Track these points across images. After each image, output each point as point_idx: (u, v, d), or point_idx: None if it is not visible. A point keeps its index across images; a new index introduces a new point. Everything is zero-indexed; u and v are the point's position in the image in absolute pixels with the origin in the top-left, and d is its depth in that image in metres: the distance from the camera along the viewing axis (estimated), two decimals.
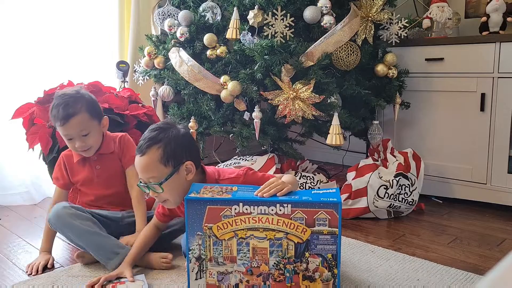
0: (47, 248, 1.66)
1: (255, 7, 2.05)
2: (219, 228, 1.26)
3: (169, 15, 2.40)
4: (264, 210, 1.23)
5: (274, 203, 1.22)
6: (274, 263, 1.26)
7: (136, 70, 2.53)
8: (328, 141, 2.07)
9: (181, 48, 2.24)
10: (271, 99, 2.02)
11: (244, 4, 2.11)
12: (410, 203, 2.10)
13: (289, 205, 1.22)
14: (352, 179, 2.15)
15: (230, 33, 2.07)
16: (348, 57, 2.08)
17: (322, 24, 2.07)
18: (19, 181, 2.36)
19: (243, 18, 2.10)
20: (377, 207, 2.08)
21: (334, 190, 1.29)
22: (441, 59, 2.30)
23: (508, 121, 2.13)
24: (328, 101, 2.05)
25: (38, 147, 2.05)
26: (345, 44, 2.08)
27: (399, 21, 2.29)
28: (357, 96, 2.15)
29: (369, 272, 1.54)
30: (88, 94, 1.66)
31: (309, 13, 2.05)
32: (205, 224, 1.26)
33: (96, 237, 1.52)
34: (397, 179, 2.07)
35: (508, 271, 0.44)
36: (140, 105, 2.16)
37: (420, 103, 2.41)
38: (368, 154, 2.37)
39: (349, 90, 2.13)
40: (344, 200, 2.13)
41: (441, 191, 2.38)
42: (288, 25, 2.01)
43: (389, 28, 2.31)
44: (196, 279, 1.29)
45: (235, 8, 2.08)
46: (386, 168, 2.15)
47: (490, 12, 2.27)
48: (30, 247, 1.81)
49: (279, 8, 2.01)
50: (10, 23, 2.30)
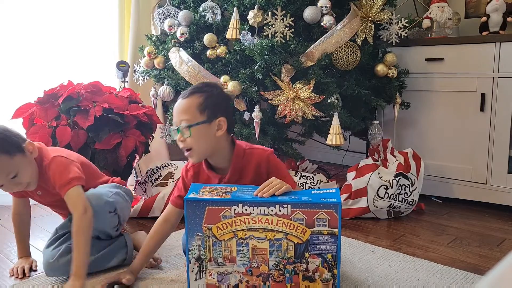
0: (25, 252, 1.62)
1: (255, 7, 2.05)
2: (218, 228, 1.26)
3: (169, 15, 2.40)
4: (263, 210, 1.23)
5: (274, 204, 1.22)
6: (274, 263, 1.26)
7: (136, 70, 2.53)
8: (328, 141, 2.07)
9: (181, 48, 2.24)
10: (271, 99, 2.02)
11: (244, 4, 2.11)
12: (410, 203, 2.10)
13: (289, 206, 1.22)
14: (352, 179, 2.15)
15: (230, 33, 2.08)
16: (348, 57, 2.08)
17: (322, 24, 2.07)
18: None
19: (243, 18, 2.10)
20: (377, 207, 2.08)
21: (334, 190, 1.29)
22: (441, 59, 2.30)
23: (508, 121, 2.13)
24: (328, 101, 2.05)
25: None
26: (345, 44, 2.08)
27: (399, 21, 2.29)
28: (357, 96, 2.15)
29: (369, 272, 1.54)
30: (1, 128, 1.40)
31: (309, 13, 2.05)
32: (205, 225, 1.25)
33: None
34: (397, 179, 2.07)
35: (508, 271, 0.44)
36: (140, 105, 2.16)
37: (420, 103, 2.41)
38: (368, 154, 2.37)
39: (349, 90, 2.13)
40: (344, 200, 2.13)
41: (441, 191, 2.38)
42: (288, 25, 2.01)
43: (389, 28, 2.31)
44: (196, 280, 1.29)
45: (235, 8, 2.08)
46: (386, 168, 2.15)
47: (490, 12, 2.27)
48: (29, 247, 1.80)
49: (279, 8, 2.01)
50: (10, 23, 2.30)
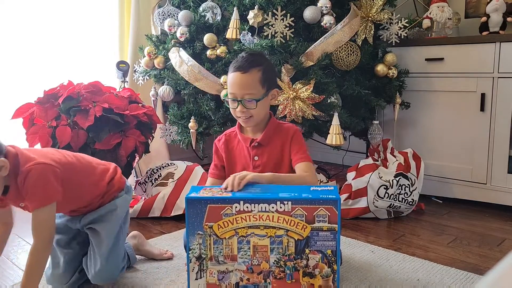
0: None
1: (255, 7, 2.05)
2: (219, 226, 1.26)
3: (169, 15, 2.40)
4: (264, 207, 1.24)
5: (275, 201, 1.23)
6: (275, 260, 1.26)
7: (136, 70, 2.53)
8: (328, 141, 2.07)
9: (181, 48, 2.24)
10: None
11: (244, 4, 2.11)
12: (410, 203, 2.10)
13: (289, 203, 1.23)
14: (352, 179, 2.15)
15: (230, 33, 2.08)
16: (348, 57, 2.08)
17: (322, 24, 2.07)
18: None
19: (243, 18, 2.10)
20: (377, 207, 2.08)
21: (332, 188, 1.31)
22: (441, 59, 2.30)
23: (508, 121, 2.13)
24: (328, 101, 2.05)
25: (38, 147, 2.05)
26: (345, 44, 2.08)
27: (399, 21, 2.29)
28: (357, 96, 2.15)
29: (369, 272, 1.54)
30: None
31: (309, 13, 2.05)
32: (206, 223, 1.26)
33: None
34: (397, 179, 2.07)
35: (508, 271, 0.44)
36: (140, 105, 2.16)
37: (420, 103, 2.41)
38: (368, 154, 2.37)
39: (349, 90, 2.13)
40: (344, 200, 2.13)
41: (441, 191, 2.38)
42: (288, 25, 2.01)
43: (389, 28, 2.31)
44: (196, 279, 1.29)
45: (235, 8, 2.08)
46: (386, 168, 2.15)
47: (490, 12, 2.27)
48: (30, 247, 1.80)
49: (279, 8, 2.01)
50: (10, 23, 2.30)
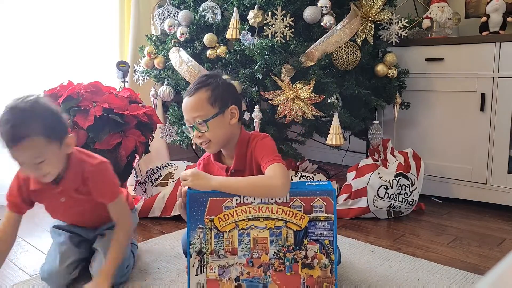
0: None
1: (255, 7, 2.05)
2: (220, 219, 1.28)
3: (169, 15, 2.40)
4: (264, 199, 1.27)
5: None
6: (274, 252, 1.28)
7: (136, 70, 2.53)
8: (328, 141, 2.07)
9: (181, 48, 2.24)
10: (271, 99, 2.02)
11: (244, 4, 2.11)
12: (410, 203, 2.10)
13: (288, 194, 1.27)
14: (352, 179, 2.15)
15: (230, 33, 2.08)
16: (348, 57, 2.08)
17: (322, 24, 2.07)
18: None
19: (243, 18, 2.10)
20: (377, 207, 2.08)
21: (326, 182, 1.36)
22: (441, 59, 2.30)
23: (508, 121, 2.13)
24: (328, 101, 2.05)
25: None
26: (345, 44, 2.08)
27: (399, 21, 2.29)
28: (357, 96, 2.15)
29: (369, 272, 1.54)
30: (47, 109, 1.27)
31: (309, 13, 2.05)
32: (207, 217, 1.27)
33: None
34: (397, 179, 2.07)
35: (508, 271, 0.44)
36: (140, 105, 2.16)
37: (420, 103, 2.41)
38: (368, 154, 2.37)
39: (349, 90, 2.13)
40: (344, 200, 2.13)
41: (441, 191, 2.38)
42: (288, 25, 2.01)
43: (389, 28, 2.31)
44: (196, 275, 1.29)
45: (235, 8, 2.08)
46: (386, 168, 2.15)
47: (490, 12, 2.27)
48: (30, 247, 1.81)
49: (279, 8, 2.01)
50: (10, 23, 2.30)
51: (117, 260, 1.39)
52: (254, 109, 2.06)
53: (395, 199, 2.07)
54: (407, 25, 2.30)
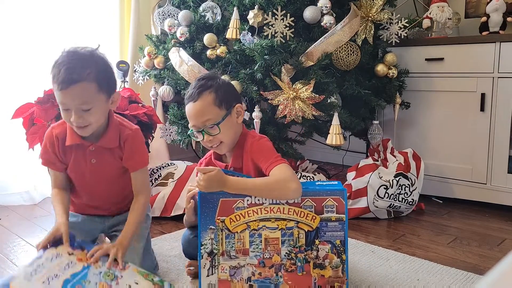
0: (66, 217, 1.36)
1: (255, 7, 2.05)
2: (231, 220, 1.28)
3: (169, 15, 2.40)
4: (275, 200, 1.28)
5: None
6: (286, 252, 1.29)
7: (136, 70, 2.53)
8: (328, 141, 2.07)
9: (181, 48, 2.24)
10: (271, 99, 2.02)
11: (244, 4, 2.11)
12: (410, 203, 2.10)
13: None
14: (352, 179, 2.15)
15: (230, 33, 2.08)
16: (348, 57, 2.08)
17: (322, 24, 2.07)
18: (19, 181, 2.36)
19: (243, 18, 2.10)
20: (377, 207, 2.08)
21: (336, 183, 1.36)
22: (441, 59, 2.30)
23: (508, 121, 2.13)
24: (328, 101, 2.05)
25: (38, 147, 2.05)
26: (345, 44, 2.08)
27: (399, 21, 2.29)
28: (357, 96, 2.15)
29: (369, 272, 1.54)
30: (103, 60, 1.34)
31: (309, 13, 2.05)
32: (218, 217, 1.28)
33: None
34: (397, 179, 2.07)
35: (508, 271, 0.44)
36: (140, 105, 2.16)
37: (420, 103, 2.41)
38: (368, 154, 2.37)
39: (349, 90, 2.13)
40: None
41: (441, 191, 2.38)
42: (288, 25, 2.01)
43: (389, 28, 2.31)
44: (208, 276, 1.29)
45: (235, 8, 2.08)
46: (386, 168, 2.15)
47: (490, 12, 2.27)
48: (30, 247, 1.81)
49: (279, 8, 2.01)
50: (10, 23, 2.30)
51: (135, 224, 1.38)
52: (254, 109, 2.06)
53: (395, 199, 2.07)
54: (407, 25, 2.30)
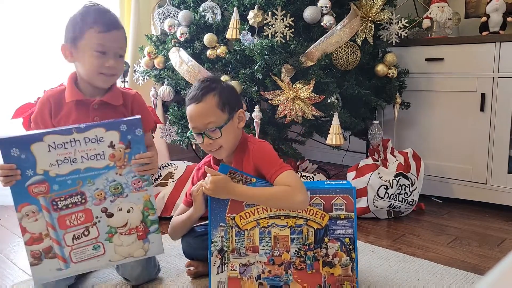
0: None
1: (255, 7, 2.05)
2: (241, 218, 1.29)
3: (169, 15, 2.40)
4: None
5: None
6: (295, 250, 1.29)
7: (136, 70, 2.53)
8: (328, 141, 2.07)
9: (181, 48, 2.24)
10: (271, 99, 2.02)
11: (244, 4, 2.11)
12: (410, 203, 2.10)
13: (308, 192, 1.28)
14: (352, 179, 2.15)
15: (230, 33, 2.08)
16: (348, 57, 2.08)
17: (322, 24, 2.07)
18: None
19: (243, 18, 2.10)
20: (377, 207, 2.08)
21: (345, 182, 1.38)
22: (441, 59, 2.30)
23: (508, 121, 2.13)
24: (328, 101, 2.05)
25: None
26: (345, 44, 2.08)
27: (399, 21, 2.29)
28: (357, 96, 2.15)
29: (369, 272, 1.54)
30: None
31: (309, 13, 2.05)
32: (228, 215, 1.29)
33: None
34: (397, 179, 2.07)
35: (508, 271, 0.44)
36: None
37: (420, 103, 2.41)
38: (368, 154, 2.37)
39: (349, 90, 2.13)
40: None
41: (441, 191, 2.38)
42: (288, 25, 2.01)
43: (389, 28, 2.31)
44: (217, 273, 1.30)
45: (235, 8, 2.08)
46: (386, 168, 2.15)
47: (490, 12, 2.27)
48: None
49: (279, 8, 2.01)
50: (10, 23, 2.30)
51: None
52: (254, 109, 2.06)
53: (395, 199, 2.07)
54: (407, 25, 2.30)
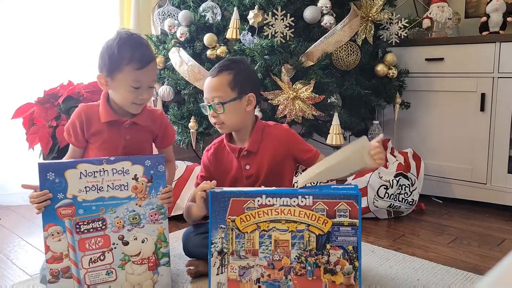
0: None
1: (255, 7, 2.05)
2: (242, 220, 1.28)
3: (169, 15, 2.40)
4: (286, 201, 1.26)
5: (296, 195, 1.26)
6: (296, 255, 1.27)
7: None
8: (328, 141, 2.07)
9: (181, 48, 2.24)
10: (271, 99, 2.02)
11: (244, 4, 2.11)
12: (410, 203, 2.10)
13: (311, 197, 1.25)
14: (352, 179, 2.15)
15: (230, 33, 2.08)
16: (348, 57, 2.08)
17: (322, 24, 2.07)
18: (19, 181, 2.36)
19: (243, 18, 2.10)
20: (377, 207, 2.08)
21: (352, 186, 1.33)
22: (441, 59, 2.30)
23: (508, 121, 2.13)
24: (328, 101, 2.05)
25: (38, 147, 2.05)
26: (345, 44, 2.08)
27: (399, 21, 2.29)
28: (357, 96, 2.15)
29: (369, 272, 1.54)
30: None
31: (309, 13, 2.05)
32: (228, 217, 1.28)
33: None
34: (397, 179, 2.07)
35: (508, 271, 0.44)
36: None
37: (420, 103, 2.41)
38: None
39: (349, 90, 2.13)
40: None
41: (441, 191, 2.38)
42: (288, 25, 2.01)
43: (389, 28, 2.31)
44: (217, 274, 1.29)
45: (235, 8, 2.08)
46: (386, 168, 2.15)
47: (490, 12, 2.27)
48: (30, 247, 1.81)
49: (279, 8, 2.01)
50: (10, 23, 2.30)
51: (171, 181, 1.52)
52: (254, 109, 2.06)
53: (395, 199, 2.07)
54: (407, 25, 2.30)
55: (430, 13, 2.40)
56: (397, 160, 2.16)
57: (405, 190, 2.08)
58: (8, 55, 2.31)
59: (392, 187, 2.05)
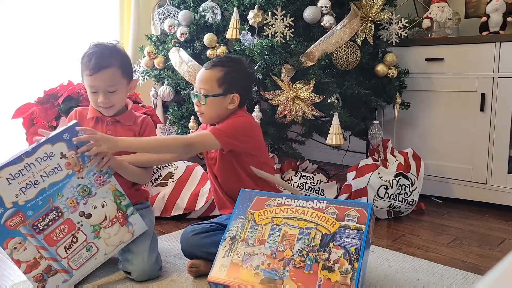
0: None
1: (255, 7, 2.05)
2: (260, 214, 1.38)
3: (169, 15, 2.40)
4: (302, 203, 1.37)
5: (313, 199, 1.37)
6: (298, 249, 1.31)
7: (136, 70, 2.53)
8: (328, 141, 2.07)
9: (181, 48, 2.24)
10: (271, 99, 2.02)
11: (244, 4, 2.11)
12: (410, 203, 2.10)
13: (325, 202, 1.36)
14: (352, 179, 2.15)
15: (230, 33, 2.08)
16: (348, 57, 2.08)
17: (322, 24, 2.07)
18: None
19: (243, 18, 2.10)
20: (377, 207, 2.08)
21: (366, 202, 1.44)
22: (441, 59, 2.30)
23: (508, 121, 2.13)
24: (328, 101, 2.05)
25: None
26: (345, 44, 2.08)
27: (399, 21, 2.29)
28: (357, 96, 2.15)
29: (369, 272, 1.54)
30: (124, 51, 1.62)
31: (309, 13, 2.05)
32: (249, 210, 1.39)
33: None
34: (397, 179, 2.07)
35: (508, 271, 0.44)
36: (140, 105, 2.16)
37: (420, 103, 2.41)
38: (368, 154, 2.37)
39: (349, 90, 2.13)
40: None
41: (441, 191, 2.38)
42: (288, 25, 2.01)
43: (389, 28, 2.31)
44: (223, 257, 1.34)
45: (235, 8, 2.08)
46: (386, 168, 2.15)
47: (490, 12, 2.27)
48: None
49: (279, 8, 2.01)
50: (10, 23, 2.30)
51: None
52: (254, 109, 2.06)
53: (395, 199, 2.07)
54: (407, 25, 2.30)
55: (430, 13, 2.40)
56: (397, 160, 2.16)
57: (405, 190, 2.08)
58: (8, 55, 2.31)
59: (392, 187, 2.05)
